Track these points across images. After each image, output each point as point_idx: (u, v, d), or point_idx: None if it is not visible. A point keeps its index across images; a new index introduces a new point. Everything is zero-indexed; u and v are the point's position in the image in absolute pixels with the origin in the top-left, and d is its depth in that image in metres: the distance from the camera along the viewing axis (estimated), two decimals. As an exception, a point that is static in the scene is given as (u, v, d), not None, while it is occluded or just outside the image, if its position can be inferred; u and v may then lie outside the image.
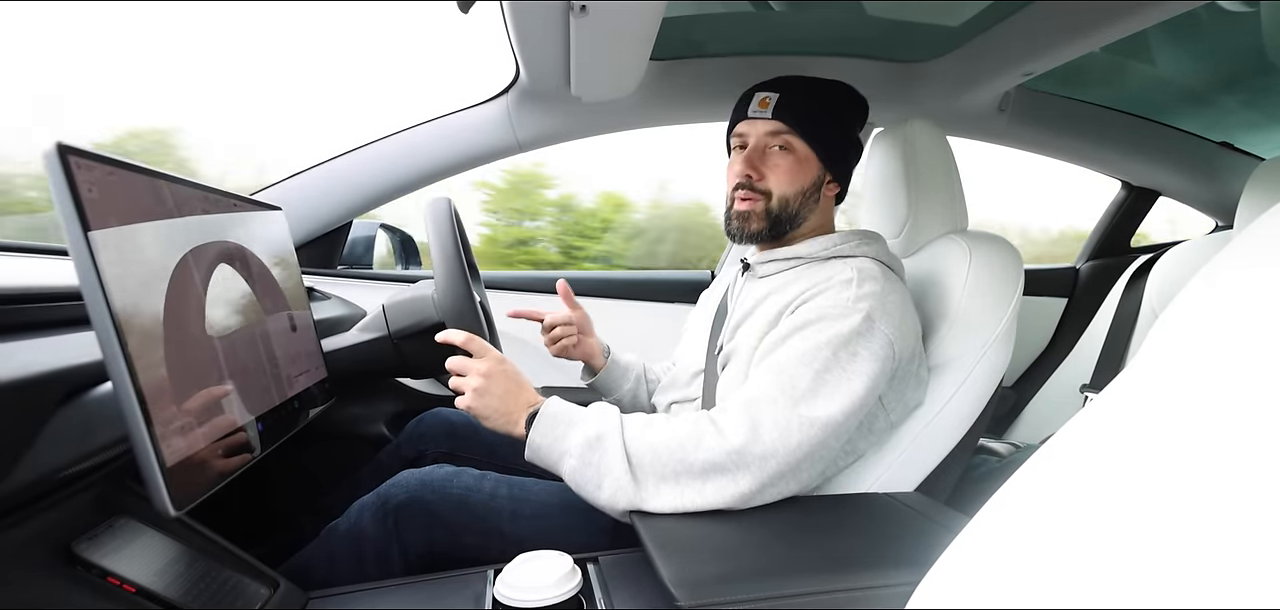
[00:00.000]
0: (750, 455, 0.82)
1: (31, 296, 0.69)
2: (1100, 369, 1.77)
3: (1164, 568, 0.28)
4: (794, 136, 1.02)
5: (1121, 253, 2.23)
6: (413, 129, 1.57)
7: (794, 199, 1.03)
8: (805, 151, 1.03)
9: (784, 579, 0.68)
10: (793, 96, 1.02)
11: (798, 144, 1.02)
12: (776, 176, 1.03)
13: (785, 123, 1.02)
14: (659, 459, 0.82)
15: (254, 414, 0.72)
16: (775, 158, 1.03)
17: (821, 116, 1.03)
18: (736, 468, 0.82)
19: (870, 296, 0.91)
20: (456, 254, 1.02)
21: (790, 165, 1.03)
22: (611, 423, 0.85)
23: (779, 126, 1.02)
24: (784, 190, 1.03)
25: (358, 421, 1.41)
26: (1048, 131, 1.86)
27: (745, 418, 0.83)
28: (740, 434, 0.82)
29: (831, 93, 1.05)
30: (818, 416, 0.84)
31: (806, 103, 1.03)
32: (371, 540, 0.89)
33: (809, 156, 1.03)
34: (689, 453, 0.82)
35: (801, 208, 1.04)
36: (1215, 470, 0.29)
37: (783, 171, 1.03)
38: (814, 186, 1.04)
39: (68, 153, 0.52)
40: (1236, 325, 0.34)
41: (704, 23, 1.42)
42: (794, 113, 1.02)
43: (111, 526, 0.64)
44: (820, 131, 1.03)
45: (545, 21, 1.09)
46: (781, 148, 1.03)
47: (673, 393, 1.15)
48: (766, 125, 1.03)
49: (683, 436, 0.83)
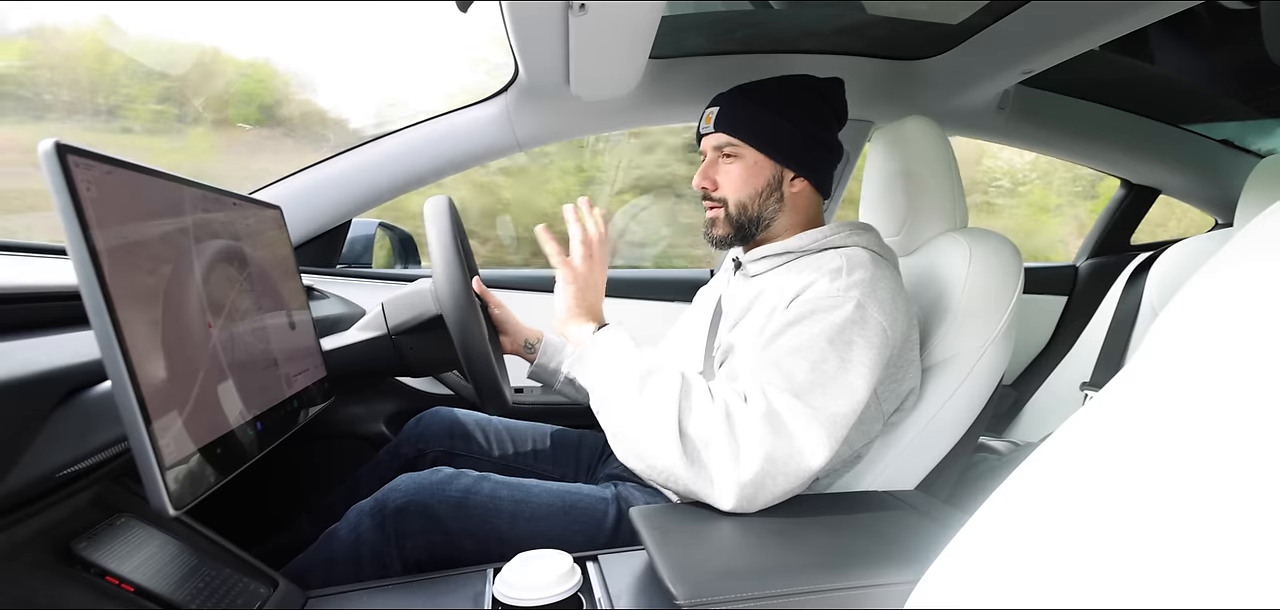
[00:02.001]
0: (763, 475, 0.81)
1: (30, 296, 0.69)
2: (1100, 367, 1.77)
3: (1164, 565, 0.28)
4: (738, 144, 1.06)
5: (1121, 251, 2.23)
6: (412, 128, 1.57)
7: (750, 201, 1.07)
8: (753, 155, 1.06)
9: (784, 577, 0.68)
10: (732, 106, 1.07)
11: (743, 149, 1.06)
12: (728, 183, 1.07)
13: (727, 132, 1.06)
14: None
15: (253, 413, 0.72)
16: (724, 166, 1.08)
17: (763, 117, 1.05)
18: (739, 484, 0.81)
19: (859, 284, 0.91)
20: (455, 248, 1.02)
21: (739, 171, 1.06)
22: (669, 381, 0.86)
23: (722, 138, 1.07)
24: (738, 195, 1.07)
25: (357, 421, 1.41)
26: (1047, 129, 1.86)
27: (768, 429, 0.82)
28: (755, 464, 0.80)
29: (774, 90, 1.07)
30: (819, 409, 0.84)
31: (746, 107, 1.06)
32: (370, 545, 0.89)
33: (758, 158, 1.06)
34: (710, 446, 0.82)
35: (763, 208, 1.07)
36: (1215, 468, 0.29)
37: (733, 178, 1.07)
38: (770, 186, 1.07)
39: (66, 152, 0.52)
40: (1236, 323, 0.33)
41: (703, 21, 1.42)
42: (734, 121, 1.06)
43: (110, 526, 0.64)
44: (763, 130, 1.05)
45: (544, 20, 1.09)
46: (727, 156, 1.07)
47: None
48: (712, 139, 1.08)
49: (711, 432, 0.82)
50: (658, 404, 0.82)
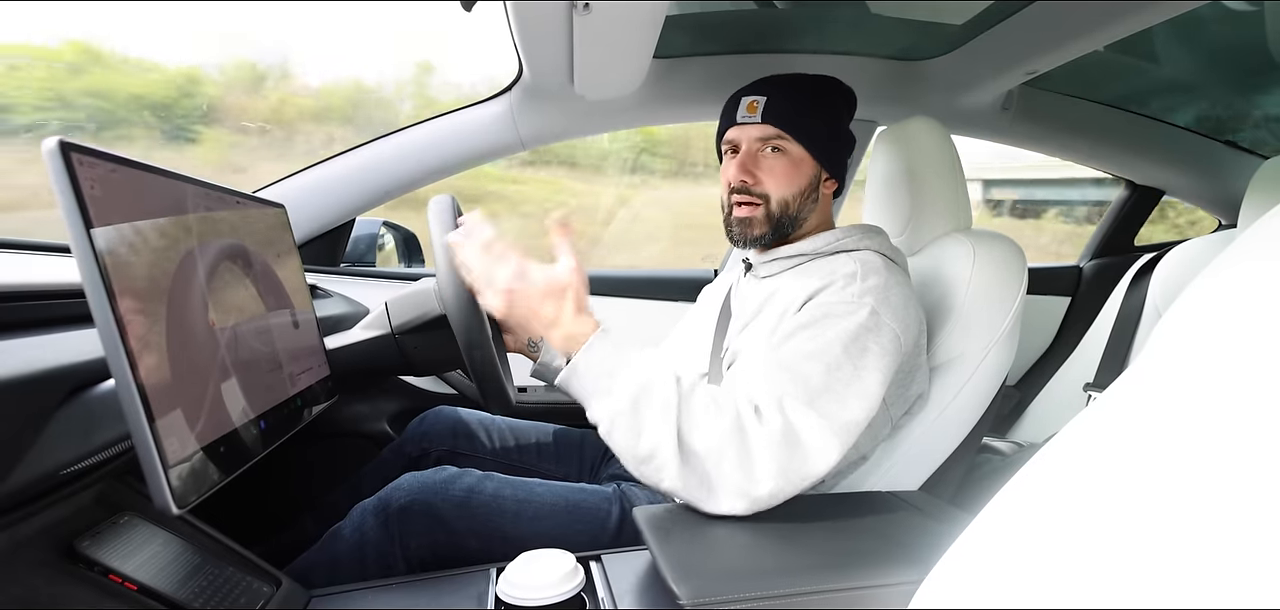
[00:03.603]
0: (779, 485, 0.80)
1: (34, 294, 0.69)
2: (1104, 368, 1.76)
3: (1168, 566, 0.28)
4: (786, 138, 1.02)
5: (1125, 251, 2.22)
6: (416, 127, 1.57)
7: (793, 200, 1.03)
8: (799, 152, 1.02)
9: (787, 578, 0.68)
10: (780, 98, 1.02)
11: (791, 145, 1.02)
12: (773, 180, 1.02)
13: (776, 126, 1.01)
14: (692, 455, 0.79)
15: (257, 412, 0.72)
16: (769, 161, 1.03)
17: (811, 114, 1.03)
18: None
19: (874, 291, 0.90)
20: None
21: (785, 167, 1.02)
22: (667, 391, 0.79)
23: (770, 130, 1.02)
24: (783, 193, 1.02)
25: (361, 420, 1.41)
26: (1051, 130, 1.85)
27: (784, 442, 0.80)
28: (769, 482, 0.79)
29: (818, 89, 1.05)
30: (833, 418, 0.83)
31: (795, 103, 1.02)
32: (373, 544, 0.89)
33: (803, 156, 1.03)
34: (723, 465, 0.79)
35: (802, 208, 1.04)
36: (1219, 469, 0.29)
37: (779, 174, 1.02)
38: (811, 186, 1.04)
39: (70, 150, 0.52)
40: (1240, 325, 0.33)
41: (707, 21, 1.42)
42: (783, 114, 1.01)
43: (114, 524, 0.64)
44: (814, 129, 1.03)
45: (548, 20, 1.09)
46: (774, 150, 1.03)
47: None
48: (757, 130, 1.03)
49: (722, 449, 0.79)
50: (654, 423, 0.77)
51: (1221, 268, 0.37)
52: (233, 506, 0.91)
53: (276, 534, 1.13)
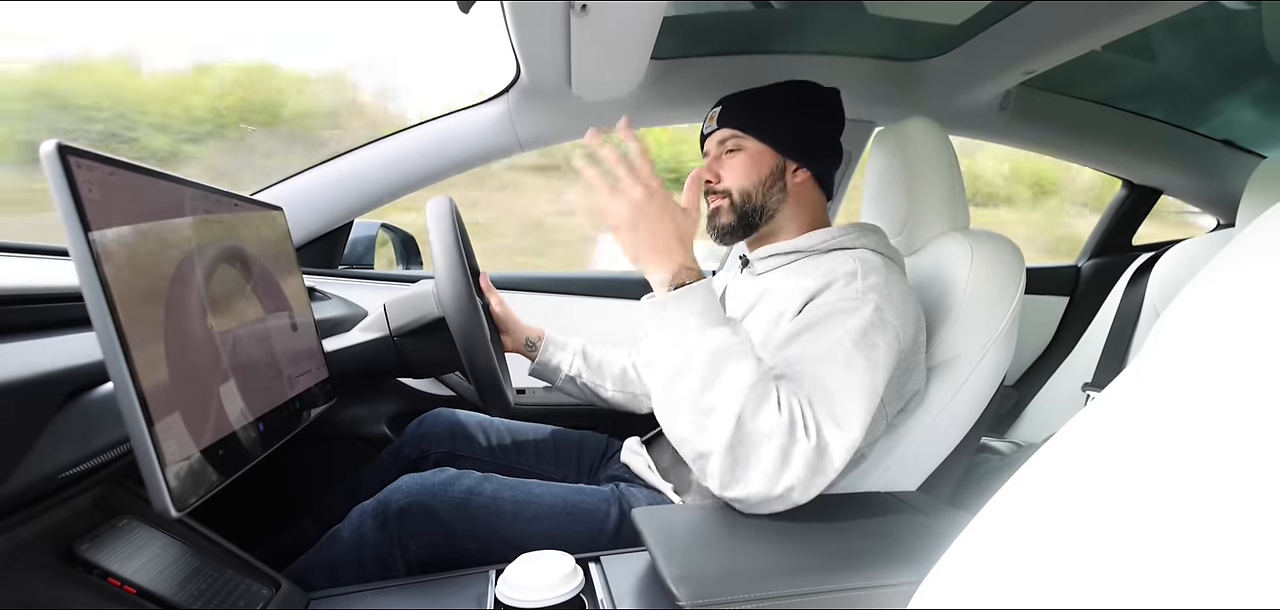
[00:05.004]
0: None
1: (32, 297, 0.69)
2: (1102, 367, 1.77)
3: (1167, 566, 0.28)
4: (741, 135, 1.09)
5: (1123, 251, 2.23)
6: (414, 129, 1.57)
7: (754, 190, 1.09)
8: (756, 146, 1.09)
9: (786, 579, 0.68)
10: (734, 104, 1.11)
11: (747, 141, 1.09)
12: (732, 174, 1.09)
13: (730, 127, 1.10)
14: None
15: (255, 414, 0.72)
16: (727, 159, 1.10)
17: (764, 110, 1.09)
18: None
19: (876, 287, 0.91)
20: (457, 248, 1.02)
21: (742, 161, 1.09)
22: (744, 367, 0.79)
23: (725, 132, 1.11)
24: (741, 183, 1.09)
25: (359, 422, 1.41)
26: (1049, 130, 1.86)
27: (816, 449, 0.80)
28: (795, 491, 0.79)
29: (774, 90, 1.12)
30: (852, 427, 0.82)
31: (749, 103, 1.10)
32: (372, 546, 0.89)
33: (761, 149, 1.09)
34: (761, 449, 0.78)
35: (766, 197, 1.09)
36: (1217, 469, 0.29)
37: (736, 168, 1.09)
38: (773, 175, 1.09)
39: (67, 153, 0.52)
40: (1238, 324, 0.33)
41: (704, 22, 1.42)
42: (737, 114, 1.10)
43: (112, 527, 0.64)
44: (765, 123, 1.09)
45: (546, 21, 1.09)
46: (731, 150, 1.10)
47: None
48: (716, 135, 1.12)
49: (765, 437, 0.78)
50: (727, 384, 0.77)
51: (1220, 267, 0.37)
52: (232, 509, 0.91)
53: (275, 536, 1.13)
